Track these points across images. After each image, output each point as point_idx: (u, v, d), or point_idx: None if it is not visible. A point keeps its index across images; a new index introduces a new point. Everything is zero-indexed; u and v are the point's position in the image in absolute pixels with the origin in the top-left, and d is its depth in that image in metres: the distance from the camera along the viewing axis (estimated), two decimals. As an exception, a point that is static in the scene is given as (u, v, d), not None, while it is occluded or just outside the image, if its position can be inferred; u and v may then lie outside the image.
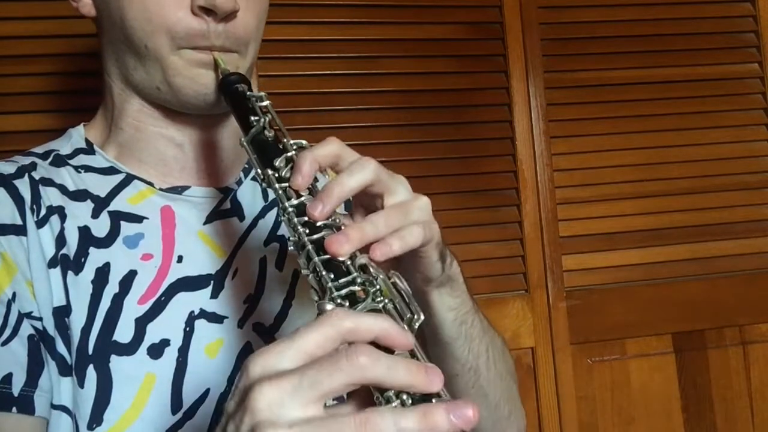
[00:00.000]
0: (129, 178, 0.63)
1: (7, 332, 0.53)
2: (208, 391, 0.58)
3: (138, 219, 0.61)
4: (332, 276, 0.42)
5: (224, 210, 0.65)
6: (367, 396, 0.37)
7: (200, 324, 0.59)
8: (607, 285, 1.30)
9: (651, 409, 1.29)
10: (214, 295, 0.61)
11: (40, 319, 0.55)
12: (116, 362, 0.55)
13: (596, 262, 1.30)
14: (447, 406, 0.34)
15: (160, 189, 0.63)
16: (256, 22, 0.62)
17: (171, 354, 0.57)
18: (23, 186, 0.58)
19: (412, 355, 0.39)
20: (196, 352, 0.58)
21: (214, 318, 0.60)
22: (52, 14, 1.06)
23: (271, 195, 0.69)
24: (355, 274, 0.42)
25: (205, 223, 0.63)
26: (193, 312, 0.59)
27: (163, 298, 0.59)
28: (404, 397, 0.35)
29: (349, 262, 0.43)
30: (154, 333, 0.57)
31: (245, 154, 0.70)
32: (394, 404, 0.35)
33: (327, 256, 0.43)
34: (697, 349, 1.31)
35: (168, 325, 0.58)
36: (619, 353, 1.29)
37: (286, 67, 1.21)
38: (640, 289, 1.30)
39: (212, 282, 0.61)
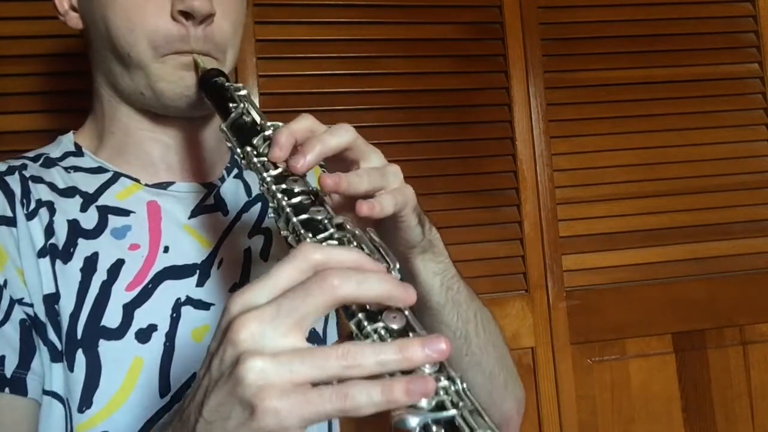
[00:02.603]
0: (116, 176, 0.65)
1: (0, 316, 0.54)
2: (194, 375, 0.59)
3: (125, 213, 0.64)
4: (311, 234, 0.44)
5: (208, 205, 0.67)
6: (348, 340, 0.38)
7: (187, 310, 0.61)
8: (607, 285, 1.30)
9: (651, 409, 1.29)
10: (200, 283, 0.63)
11: (31, 305, 0.56)
12: (104, 346, 0.57)
13: (596, 262, 1.30)
14: (422, 339, 0.35)
15: (146, 185, 0.65)
16: (232, 29, 0.65)
17: (158, 338, 0.59)
18: (13, 181, 0.61)
19: None
20: (183, 337, 0.60)
21: (201, 305, 0.62)
22: (51, 14, 1.06)
23: (254, 190, 0.72)
24: (332, 230, 0.44)
25: (190, 217, 0.66)
26: (179, 299, 0.61)
27: (150, 286, 0.61)
28: (382, 332, 0.37)
29: (326, 221, 0.45)
30: (141, 318, 0.59)
31: (227, 154, 0.73)
32: (373, 338, 0.37)
33: (305, 216, 0.45)
34: (697, 349, 1.31)
35: (155, 311, 0.60)
36: (619, 353, 1.29)
37: (286, 67, 1.21)
38: (640, 289, 1.30)
39: (198, 271, 0.63)
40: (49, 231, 0.59)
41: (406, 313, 0.38)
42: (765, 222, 1.36)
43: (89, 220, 0.62)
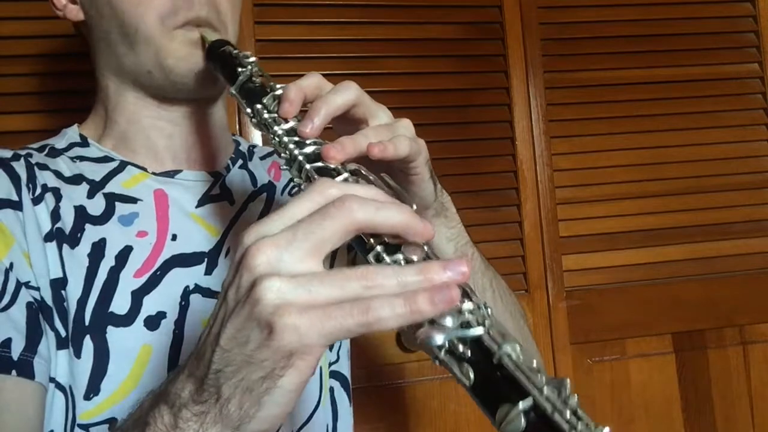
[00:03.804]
0: (123, 165, 0.65)
1: (6, 299, 0.53)
2: None
3: (132, 200, 0.63)
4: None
5: (215, 195, 0.67)
6: None
7: (195, 298, 0.61)
8: (607, 285, 1.30)
9: (651, 409, 1.29)
10: (208, 271, 0.63)
11: (38, 289, 0.56)
12: (113, 333, 0.57)
13: (596, 262, 1.30)
14: (443, 262, 0.35)
15: (153, 173, 0.65)
16: (231, 1, 0.65)
17: (167, 326, 0.59)
18: (19, 167, 0.60)
19: None
20: (192, 325, 0.60)
21: (209, 293, 0.62)
22: (51, 14, 1.06)
23: (260, 181, 0.72)
24: (346, 175, 0.43)
25: (197, 206, 0.66)
26: (188, 287, 0.61)
27: (158, 273, 0.60)
28: (402, 264, 0.36)
29: (340, 167, 0.44)
30: (150, 305, 0.59)
31: (231, 145, 0.73)
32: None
33: (318, 164, 0.44)
34: (697, 349, 1.31)
35: (164, 299, 0.60)
36: (619, 353, 1.29)
37: (286, 67, 1.21)
38: (640, 289, 1.30)
39: (206, 259, 0.63)
40: (56, 216, 0.59)
41: (426, 248, 0.38)
42: (765, 222, 1.36)
43: (96, 206, 0.62)
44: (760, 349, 1.33)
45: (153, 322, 0.58)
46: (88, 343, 0.56)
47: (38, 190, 0.60)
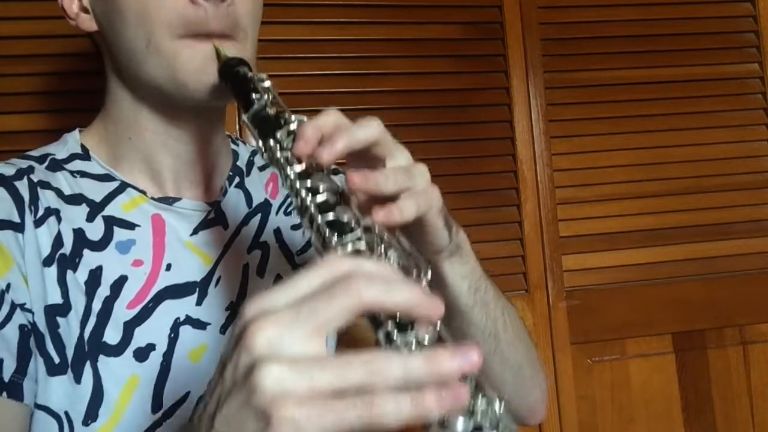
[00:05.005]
0: (123, 186, 0.64)
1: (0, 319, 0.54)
2: (188, 394, 0.60)
3: (130, 226, 0.63)
4: (336, 235, 0.41)
5: (210, 220, 0.67)
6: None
7: (185, 330, 0.61)
8: (607, 285, 1.30)
9: (651, 409, 1.29)
10: (199, 302, 0.63)
11: (32, 313, 0.56)
12: (103, 362, 0.57)
13: (596, 262, 1.30)
14: (452, 349, 0.33)
15: (152, 198, 0.64)
16: (252, 8, 0.62)
17: (156, 358, 0.59)
18: (22, 187, 0.60)
19: None
20: (180, 357, 0.60)
21: (198, 324, 0.62)
22: (51, 14, 1.06)
23: (255, 201, 0.71)
24: (359, 232, 0.41)
25: (192, 234, 0.65)
26: (178, 318, 0.61)
27: (150, 305, 0.60)
28: (413, 347, 0.35)
29: (353, 223, 0.42)
30: (140, 337, 0.59)
31: (230, 159, 0.71)
32: (402, 351, 0.35)
33: (331, 217, 0.42)
34: (697, 349, 1.31)
35: (154, 331, 0.60)
36: (619, 353, 1.29)
37: (286, 67, 1.21)
38: (640, 289, 1.30)
39: (197, 289, 0.63)
40: (59, 241, 0.58)
41: (438, 327, 0.36)
42: (765, 222, 1.36)
43: (95, 230, 0.61)
44: (760, 349, 1.33)
45: (142, 354, 0.59)
46: (87, 369, 0.56)
47: (41, 212, 0.59)
